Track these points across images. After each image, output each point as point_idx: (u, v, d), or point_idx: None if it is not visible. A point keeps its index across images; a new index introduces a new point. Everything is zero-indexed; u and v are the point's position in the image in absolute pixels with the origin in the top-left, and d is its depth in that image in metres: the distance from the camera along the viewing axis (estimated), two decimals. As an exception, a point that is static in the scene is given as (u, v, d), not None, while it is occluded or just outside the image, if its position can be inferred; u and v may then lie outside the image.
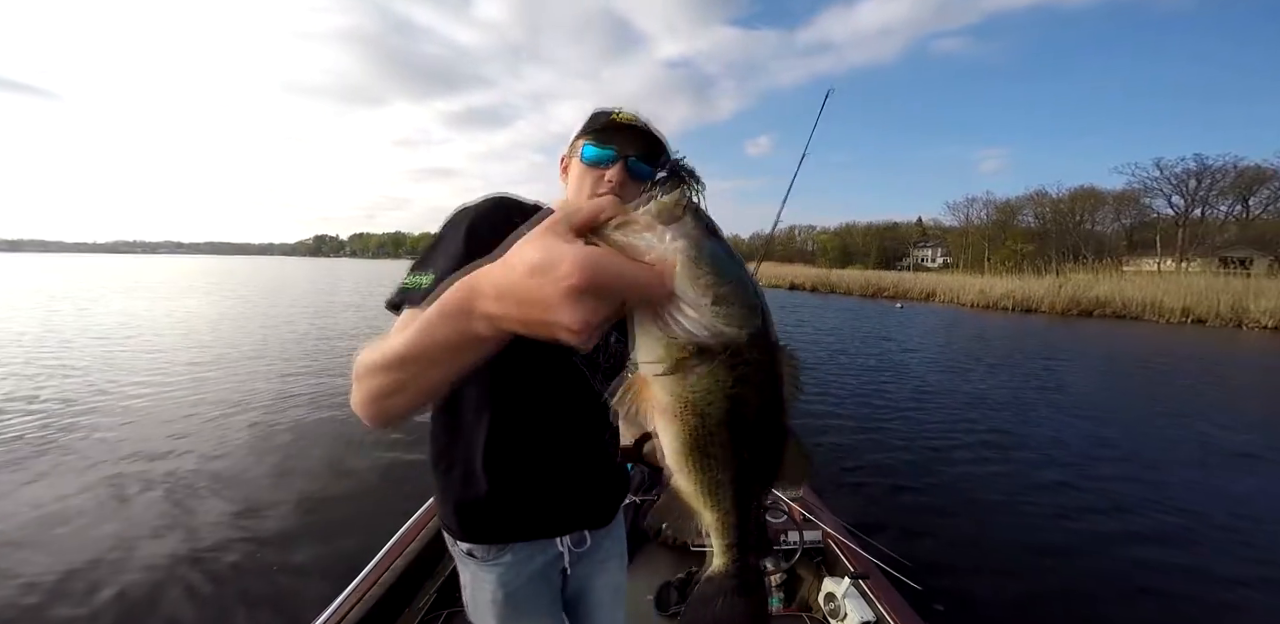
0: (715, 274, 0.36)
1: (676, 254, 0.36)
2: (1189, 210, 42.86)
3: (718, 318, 0.36)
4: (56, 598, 2.68)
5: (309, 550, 3.11)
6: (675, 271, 0.36)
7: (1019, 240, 47.68)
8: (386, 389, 0.55)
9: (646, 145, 0.92)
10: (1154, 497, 4.22)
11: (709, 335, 0.36)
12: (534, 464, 0.95)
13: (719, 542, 0.46)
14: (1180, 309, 18.25)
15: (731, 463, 0.41)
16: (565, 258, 0.36)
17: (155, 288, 26.62)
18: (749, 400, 0.39)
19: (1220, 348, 13.19)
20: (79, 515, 3.50)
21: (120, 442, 4.86)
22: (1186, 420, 6.49)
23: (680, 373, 0.37)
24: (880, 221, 73.10)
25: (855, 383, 8.09)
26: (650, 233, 0.37)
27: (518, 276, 0.38)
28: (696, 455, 0.41)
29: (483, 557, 0.97)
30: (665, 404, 0.39)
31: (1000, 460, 4.96)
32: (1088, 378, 9.08)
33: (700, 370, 0.37)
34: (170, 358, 8.68)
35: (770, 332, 0.39)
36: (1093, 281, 22.44)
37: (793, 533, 2.27)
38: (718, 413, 0.39)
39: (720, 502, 0.43)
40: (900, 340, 13.21)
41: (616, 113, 0.95)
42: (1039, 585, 2.99)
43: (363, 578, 1.86)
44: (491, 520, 0.95)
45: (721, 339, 0.36)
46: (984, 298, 23.68)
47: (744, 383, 0.38)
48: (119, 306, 16.71)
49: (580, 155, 0.94)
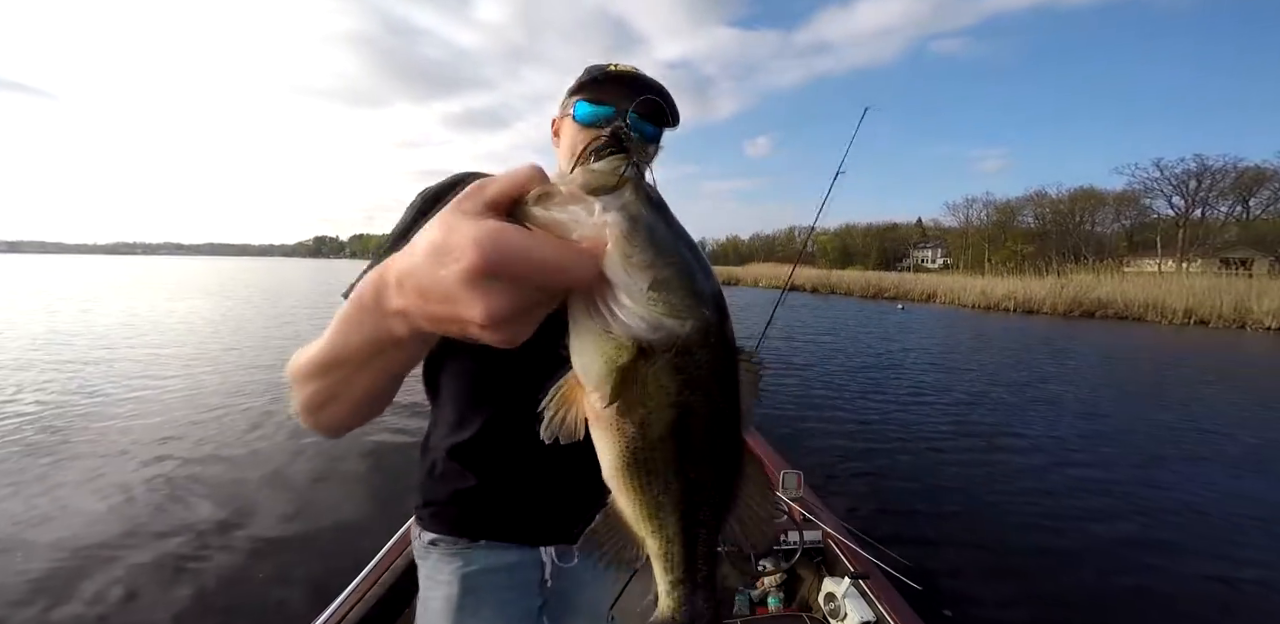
0: (654, 254, 0.29)
1: (608, 230, 0.29)
2: (1189, 211, 42.84)
3: (655, 306, 0.29)
4: (57, 596, 2.67)
5: (309, 550, 3.10)
6: (606, 251, 0.29)
7: (1019, 241, 47.69)
8: (318, 399, 0.49)
9: (650, 101, 0.80)
10: (1157, 498, 4.20)
11: (646, 328, 0.29)
12: (520, 460, 0.85)
13: (664, 577, 0.41)
14: (1183, 310, 18.16)
15: (676, 482, 0.35)
16: (463, 236, 0.28)
17: (160, 291, 26.55)
18: (697, 409, 0.33)
19: (1225, 349, 13.12)
20: (75, 515, 3.48)
21: (120, 441, 4.83)
22: (1191, 422, 6.45)
23: (621, 373, 0.31)
24: (880, 222, 73.15)
25: (856, 382, 8.05)
26: (578, 205, 0.29)
27: (418, 260, 0.31)
28: (636, 473, 0.35)
29: (445, 549, 0.87)
30: (599, 411, 0.33)
31: (1001, 461, 4.95)
32: (1090, 379, 9.04)
33: (645, 372, 0.31)
34: (173, 358, 8.63)
35: (725, 326, 0.32)
36: (1095, 282, 22.36)
37: (793, 533, 2.24)
38: (661, 423, 0.32)
39: (663, 527, 0.37)
40: (901, 341, 13.18)
41: (613, 65, 0.83)
42: (1039, 585, 2.99)
43: (363, 578, 1.85)
44: (465, 509, 0.87)
45: (662, 333, 0.29)
46: (985, 299, 23.63)
47: (692, 388, 0.32)
48: (121, 307, 16.65)
49: (573, 114, 0.82)
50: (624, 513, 0.38)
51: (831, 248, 69.61)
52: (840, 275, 38.59)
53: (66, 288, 25.74)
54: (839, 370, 9.03)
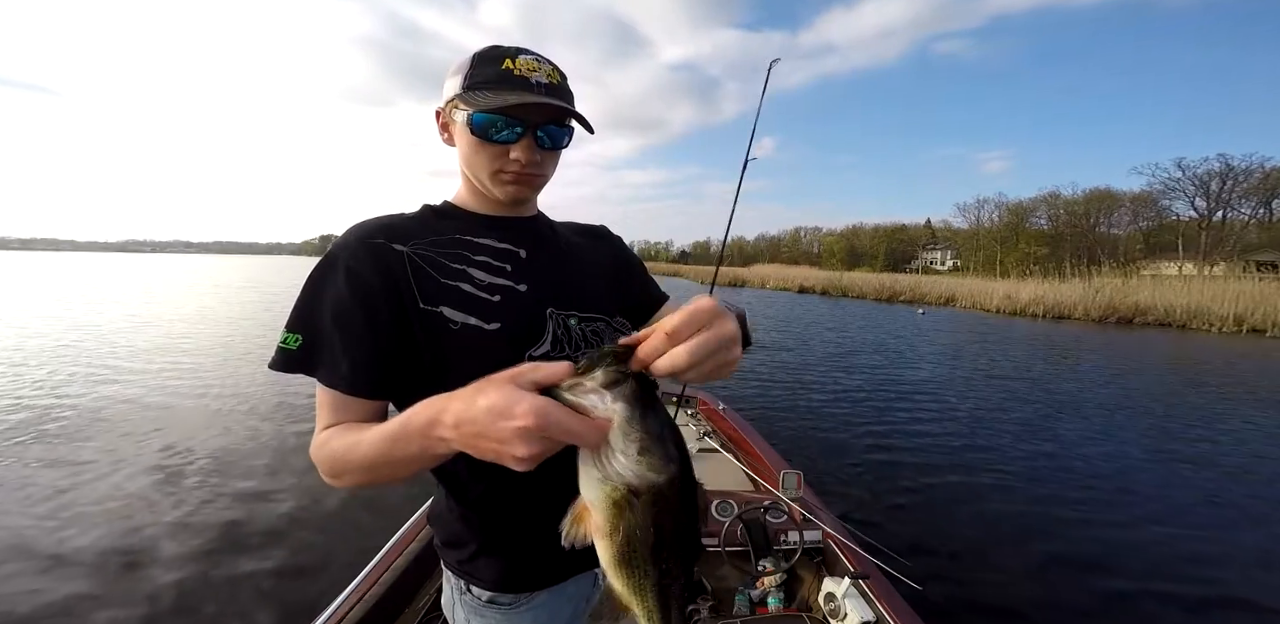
0: (642, 432, 0.44)
1: (614, 414, 0.44)
2: (1212, 213, 41.51)
3: (640, 465, 0.44)
4: (55, 596, 2.65)
5: (309, 550, 3.08)
6: (612, 427, 0.44)
7: (1032, 243, 46.44)
8: (358, 483, 0.63)
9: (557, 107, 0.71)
10: (1174, 508, 4.03)
11: (634, 476, 0.45)
12: (560, 494, 0.80)
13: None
14: (1232, 317, 16.78)
15: (653, 572, 0.50)
16: (522, 404, 0.43)
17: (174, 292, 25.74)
18: (666, 527, 0.48)
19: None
20: (78, 508, 3.51)
21: (120, 439, 4.88)
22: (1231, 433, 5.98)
23: (615, 508, 0.46)
24: (887, 224, 71.62)
25: (858, 382, 8.03)
26: (596, 395, 0.45)
27: (478, 413, 0.45)
28: (625, 566, 0.49)
29: (511, 603, 0.81)
30: (599, 526, 0.48)
31: (1002, 462, 4.87)
32: (1127, 389, 8.29)
33: (633, 506, 0.46)
34: (176, 358, 8.66)
35: (687, 474, 0.48)
36: (1134, 286, 21.03)
37: (793, 533, 2.26)
38: (642, 536, 0.47)
39: (645, 599, 0.52)
40: (921, 345, 12.44)
41: (511, 61, 0.71)
42: (1040, 586, 2.97)
43: (363, 578, 1.85)
44: (522, 559, 0.81)
45: (644, 481, 0.45)
46: (1011, 303, 22.36)
47: (663, 515, 0.47)
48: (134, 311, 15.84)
49: (470, 125, 0.71)
50: (616, 590, 0.53)
51: (839, 249, 68.34)
52: (851, 277, 37.25)
53: (84, 293, 24.72)
54: (840, 371, 8.93)
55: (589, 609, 0.91)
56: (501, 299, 0.74)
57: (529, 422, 0.42)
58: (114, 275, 39.49)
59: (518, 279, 0.76)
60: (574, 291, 0.81)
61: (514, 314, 0.74)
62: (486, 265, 0.76)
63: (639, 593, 0.52)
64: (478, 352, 0.70)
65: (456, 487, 0.80)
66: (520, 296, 0.75)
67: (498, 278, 0.75)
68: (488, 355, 0.70)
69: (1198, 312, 17.60)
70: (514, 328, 0.73)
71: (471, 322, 0.71)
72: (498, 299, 0.74)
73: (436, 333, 0.69)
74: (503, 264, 0.77)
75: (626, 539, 0.47)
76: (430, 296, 0.70)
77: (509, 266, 0.77)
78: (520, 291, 0.76)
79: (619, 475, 0.45)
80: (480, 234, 0.78)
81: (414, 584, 2.01)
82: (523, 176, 0.75)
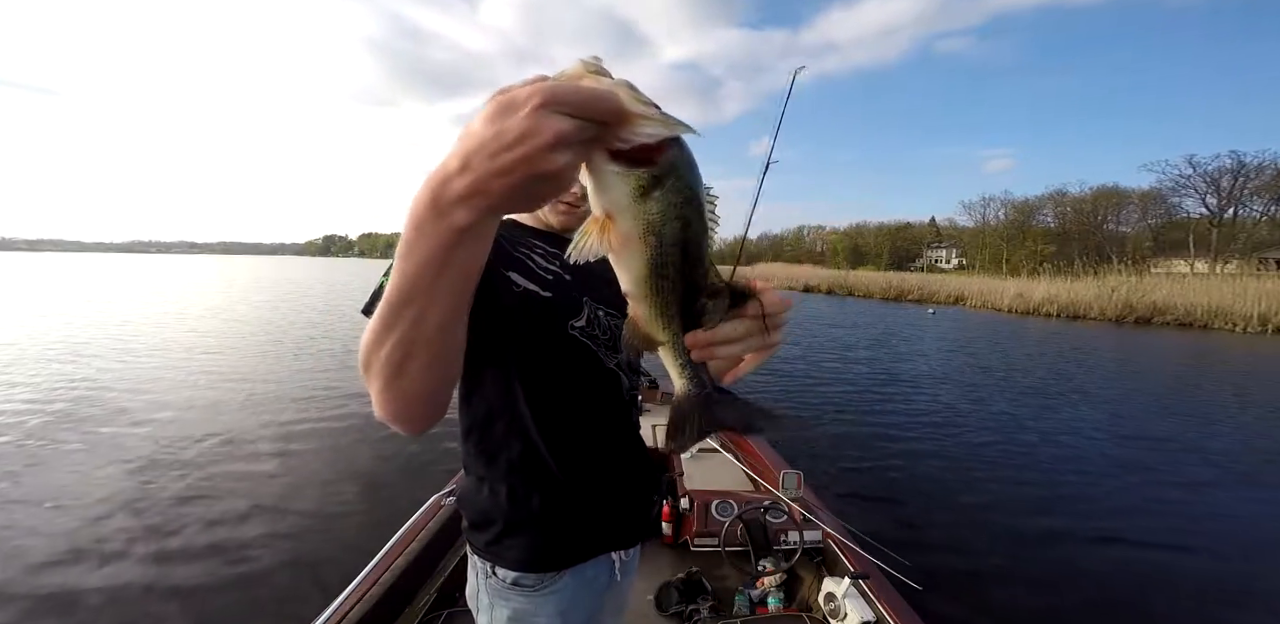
0: (646, 102, 0.40)
1: (617, 87, 0.39)
2: (1223, 210, 40.88)
3: (669, 119, 0.39)
4: (54, 594, 2.64)
5: (309, 550, 3.08)
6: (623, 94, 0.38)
7: (1039, 241, 45.87)
8: (396, 356, 0.51)
9: None
10: (1178, 510, 3.99)
11: (666, 131, 0.39)
12: (587, 470, 0.89)
13: (674, 363, 0.50)
14: (1257, 316, 16.26)
15: (681, 283, 0.45)
16: (520, 90, 0.37)
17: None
18: (692, 221, 0.43)
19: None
20: (81, 509, 3.49)
21: (121, 438, 4.86)
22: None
23: (642, 198, 0.41)
24: (891, 222, 70.90)
25: (861, 383, 7.92)
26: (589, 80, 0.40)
27: (480, 130, 0.38)
28: (654, 278, 0.44)
29: (535, 585, 0.86)
30: (628, 231, 0.42)
31: (1003, 463, 4.85)
32: (1139, 391, 8.12)
33: (656, 194, 0.41)
34: (181, 356, 8.72)
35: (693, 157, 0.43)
36: (1151, 285, 20.50)
37: (793, 533, 2.26)
38: (671, 233, 0.42)
39: (671, 323, 0.47)
40: (938, 345, 12.20)
41: None
42: (1040, 586, 2.95)
43: (363, 578, 1.85)
44: (550, 537, 0.86)
45: (679, 131, 0.39)
46: (1023, 302, 21.85)
47: (687, 203, 0.42)
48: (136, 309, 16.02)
49: None
50: (641, 318, 0.48)
51: (843, 247, 67.68)
52: (857, 276, 36.78)
53: (92, 294, 24.70)
54: (843, 371, 8.87)
55: (607, 605, 0.95)
56: (554, 279, 0.88)
57: (540, 97, 0.36)
58: (126, 276, 40.16)
59: (565, 271, 0.90)
60: (605, 290, 0.89)
61: (563, 291, 0.87)
62: (544, 253, 0.90)
63: (663, 313, 0.46)
64: (530, 311, 0.82)
65: (487, 456, 0.87)
66: (567, 282, 0.89)
67: (551, 265, 0.89)
68: (538, 316, 0.83)
69: (1219, 311, 17.10)
70: (563, 300, 0.86)
71: (531, 287, 0.84)
72: (551, 278, 0.87)
73: (500, 292, 0.79)
74: (553, 258, 0.91)
75: (656, 236, 0.42)
76: (505, 262, 0.83)
77: (558, 263, 0.90)
78: (567, 279, 0.89)
79: (649, 135, 0.38)
80: (533, 237, 0.93)
81: (414, 584, 2.01)
82: (574, 206, 0.92)
